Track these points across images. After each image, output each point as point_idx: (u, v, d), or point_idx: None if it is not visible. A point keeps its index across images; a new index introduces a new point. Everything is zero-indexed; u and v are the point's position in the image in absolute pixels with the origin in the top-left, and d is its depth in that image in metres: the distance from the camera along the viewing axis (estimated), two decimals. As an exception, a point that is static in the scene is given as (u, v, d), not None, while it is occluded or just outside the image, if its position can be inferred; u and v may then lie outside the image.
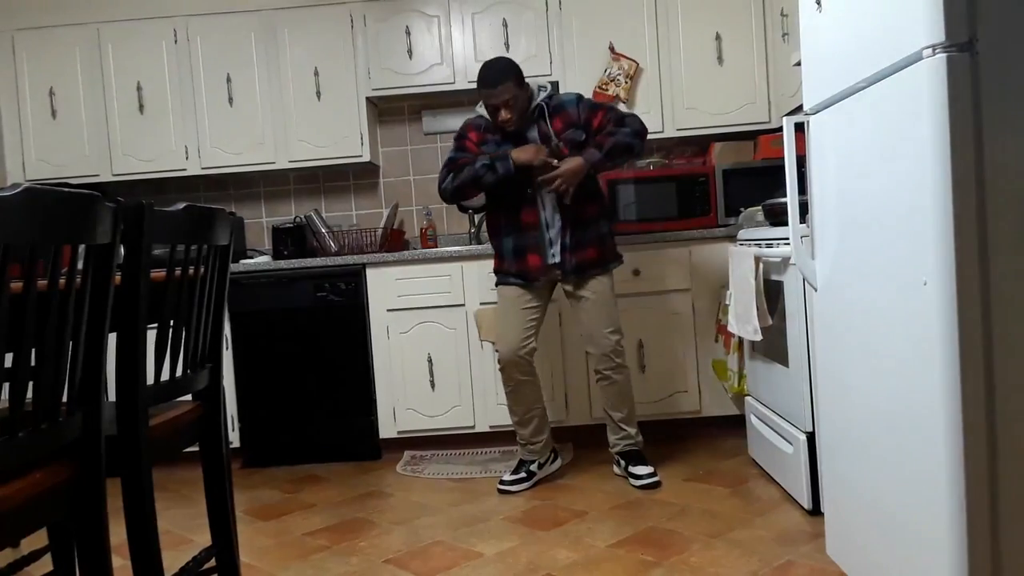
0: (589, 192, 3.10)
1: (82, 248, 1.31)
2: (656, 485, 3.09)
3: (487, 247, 3.73)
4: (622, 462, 3.22)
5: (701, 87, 3.98)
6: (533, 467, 3.24)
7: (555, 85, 3.79)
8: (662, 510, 2.85)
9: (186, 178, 4.26)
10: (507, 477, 3.21)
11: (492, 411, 3.76)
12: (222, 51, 4.09)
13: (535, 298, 3.14)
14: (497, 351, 3.16)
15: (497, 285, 3.21)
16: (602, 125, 3.05)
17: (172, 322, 1.72)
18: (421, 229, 4.29)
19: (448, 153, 3.20)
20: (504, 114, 2.98)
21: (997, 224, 1.54)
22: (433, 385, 3.79)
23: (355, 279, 3.80)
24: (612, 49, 3.97)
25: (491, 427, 3.78)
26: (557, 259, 3.09)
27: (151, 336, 1.62)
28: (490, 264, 3.70)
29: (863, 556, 2.03)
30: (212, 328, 1.96)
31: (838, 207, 2.04)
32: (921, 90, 1.56)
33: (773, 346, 2.92)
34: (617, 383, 3.18)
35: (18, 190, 1.11)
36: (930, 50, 1.54)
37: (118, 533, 1.54)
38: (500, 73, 2.95)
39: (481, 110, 3.10)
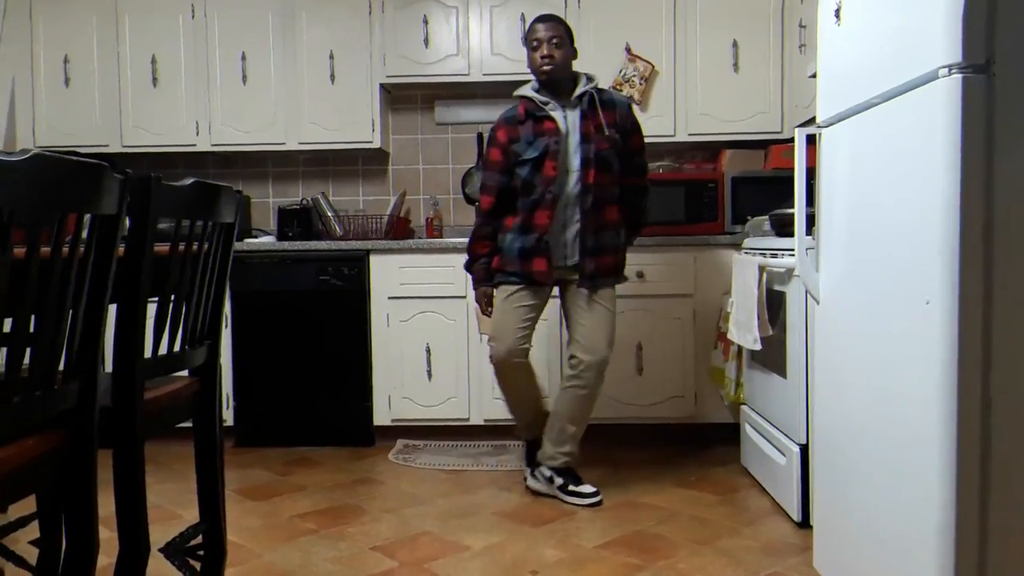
0: (613, 198, 3.01)
1: (87, 218, 1.31)
2: (600, 503, 2.95)
3: (492, 241, 3.73)
4: (557, 479, 3.02)
5: (715, 93, 3.97)
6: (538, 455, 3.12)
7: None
8: (651, 514, 2.85)
9: (195, 154, 4.26)
10: (540, 487, 3.07)
11: (488, 405, 3.76)
12: (239, 29, 4.08)
13: (534, 297, 3.02)
14: (491, 347, 3.06)
15: (497, 284, 3.07)
16: (633, 153, 3.05)
17: (173, 297, 1.72)
18: (427, 219, 4.29)
19: (483, 177, 3.13)
20: (546, 49, 2.93)
21: (1002, 247, 1.53)
22: (430, 375, 3.79)
23: (358, 264, 3.80)
24: (629, 50, 3.96)
25: (485, 420, 3.78)
26: (574, 260, 2.98)
27: (151, 310, 1.62)
28: (494, 258, 3.72)
29: (851, 571, 2.03)
30: (213, 305, 1.96)
31: (845, 221, 2.04)
32: (935, 109, 1.56)
33: (772, 356, 2.91)
34: (591, 397, 3.02)
35: (27, 156, 1.11)
36: (946, 70, 1.53)
37: (107, 504, 1.54)
38: (557, 18, 3.04)
39: (525, 90, 3.02)
